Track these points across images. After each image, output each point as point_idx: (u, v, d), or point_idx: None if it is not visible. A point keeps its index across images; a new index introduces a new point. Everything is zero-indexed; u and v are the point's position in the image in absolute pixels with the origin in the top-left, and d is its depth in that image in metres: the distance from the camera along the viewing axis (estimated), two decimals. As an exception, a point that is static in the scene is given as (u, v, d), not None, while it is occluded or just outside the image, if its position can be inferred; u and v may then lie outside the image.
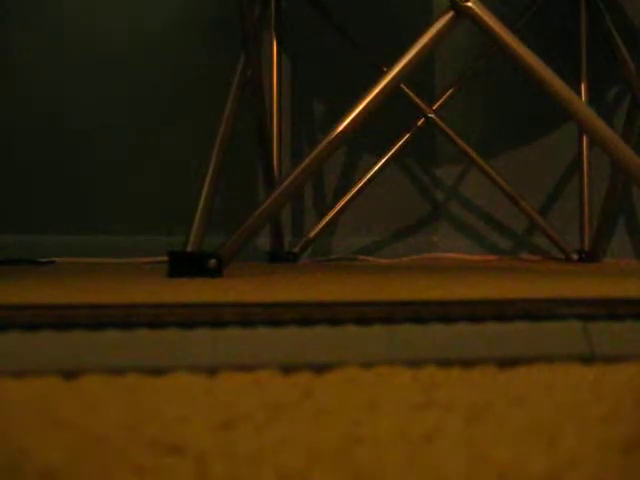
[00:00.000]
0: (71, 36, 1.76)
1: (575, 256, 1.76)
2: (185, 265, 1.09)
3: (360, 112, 1.14)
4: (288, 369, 0.48)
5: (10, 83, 1.74)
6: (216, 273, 1.08)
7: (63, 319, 0.50)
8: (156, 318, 0.51)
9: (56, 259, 1.63)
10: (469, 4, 1.15)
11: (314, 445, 0.33)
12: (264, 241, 1.78)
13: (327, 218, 1.79)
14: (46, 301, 0.65)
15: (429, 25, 1.17)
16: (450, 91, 1.82)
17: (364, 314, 0.52)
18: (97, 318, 0.50)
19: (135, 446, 0.33)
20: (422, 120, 1.79)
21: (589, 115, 1.16)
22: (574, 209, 1.81)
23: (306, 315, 0.52)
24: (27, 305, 0.55)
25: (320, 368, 0.48)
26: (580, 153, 1.78)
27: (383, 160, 1.79)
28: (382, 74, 1.18)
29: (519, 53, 1.15)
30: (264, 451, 0.32)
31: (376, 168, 1.79)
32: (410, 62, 1.15)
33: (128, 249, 1.73)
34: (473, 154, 1.80)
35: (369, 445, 0.33)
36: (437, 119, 1.79)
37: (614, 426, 0.36)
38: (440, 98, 1.81)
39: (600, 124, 1.15)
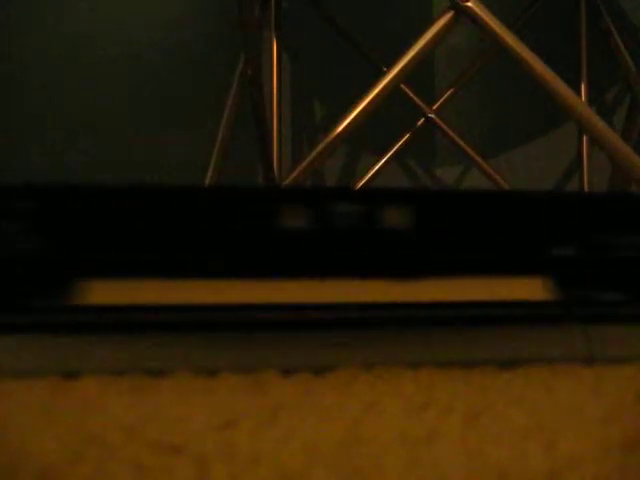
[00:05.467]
0: (70, 36, 1.76)
1: (575, 256, 1.76)
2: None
3: (360, 112, 1.14)
4: (288, 370, 0.48)
5: (10, 82, 1.74)
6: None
7: (64, 319, 0.50)
8: (157, 318, 0.51)
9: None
10: (469, 4, 1.15)
11: (314, 445, 0.33)
12: (264, 241, 1.77)
13: (327, 218, 1.79)
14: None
15: (429, 25, 1.17)
16: (450, 91, 1.82)
17: (364, 314, 0.52)
18: (98, 318, 0.50)
19: (135, 446, 0.33)
20: (422, 120, 1.79)
21: (589, 115, 1.16)
22: (574, 209, 1.81)
23: (306, 316, 0.52)
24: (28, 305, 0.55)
25: (320, 369, 0.48)
26: (580, 153, 1.78)
27: (383, 160, 1.79)
28: (382, 74, 1.17)
29: (519, 53, 1.15)
30: (264, 451, 0.32)
31: (376, 168, 1.79)
32: (410, 62, 1.15)
33: (128, 249, 1.73)
34: (473, 154, 1.80)
35: (369, 445, 0.33)
36: (437, 119, 1.79)
37: (614, 426, 0.36)
38: (440, 98, 1.81)
39: (600, 124, 1.15)
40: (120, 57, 1.78)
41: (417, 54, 1.15)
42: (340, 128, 1.14)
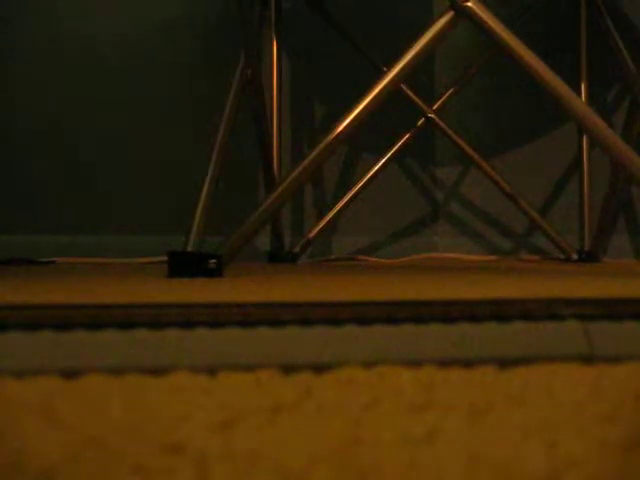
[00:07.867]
0: (70, 36, 1.76)
1: (575, 256, 1.76)
2: (185, 265, 1.09)
3: (360, 112, 1.14)
4: (288, 369, 0.48)
5: (9, 83, 1.74)
6: (216, 273, 1.08)
7: (63, 319, 0.50)
8: (156, 318, 0.51)
9: (56, 259, 1.63)
10: (469, 4, 1.15)
11: (314, 445, 0.33)
12: (264, 241, 1.78)
13: (327, 218, 1.79)
14: (46, 301, 0.65)
15: (429, 25, 1.17)
16: (450, 91, 1.82)
17: (364, 314, 0.52)
18: (97, 318, 0.50)
19: (135, 446, 0.33)
20: (422, 120, 1.79)
21: (589, 115, 1.16)
22: (574, 209, 1.81)
23: (306, 315, 0.52)
24: (27, 305, 0.55)
25: (320, 368, 0.48)
26: (580, 153, 1.78)
27: (383, 160, 1.79)
28: (382, 74, 1.17)
29: (519, 53, 1.15)
30: (264, 451, 0.32)
31: (376, 168, 1.79)
32: (410, 62, 1.15)
33: (128, 249, 1.73)
34: (473, 154, 1.80)
35: (369, 445, 0.33)
36: (437, 119, 1.79)
37: (614, 426, 0.36)
38: (440, 98, 1.81)
39: (600, 124, 1.15)
40: (119, 58, 1.78)
41: (417, 54, 1.15)
42: (340, 128, 1.14)
